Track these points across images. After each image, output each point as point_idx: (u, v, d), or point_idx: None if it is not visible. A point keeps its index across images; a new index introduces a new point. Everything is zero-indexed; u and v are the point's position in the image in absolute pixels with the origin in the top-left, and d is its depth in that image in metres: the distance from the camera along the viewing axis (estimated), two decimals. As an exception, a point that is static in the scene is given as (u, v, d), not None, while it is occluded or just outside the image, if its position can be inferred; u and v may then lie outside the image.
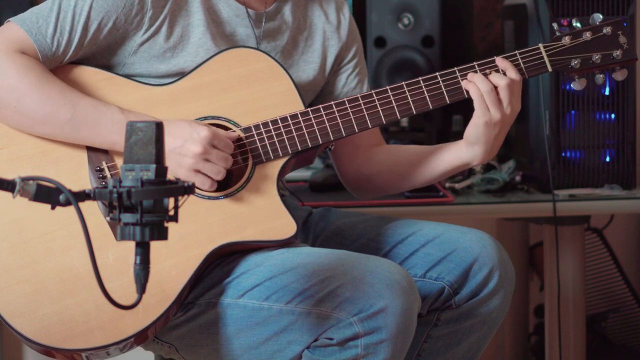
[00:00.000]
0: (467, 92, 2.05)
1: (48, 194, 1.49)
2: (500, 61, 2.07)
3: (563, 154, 2.77)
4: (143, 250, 1.51)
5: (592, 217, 3.26)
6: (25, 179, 1.48)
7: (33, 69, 1.96)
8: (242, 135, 2.02)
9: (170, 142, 1.92)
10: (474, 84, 2.04)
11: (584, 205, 2.74)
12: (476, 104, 2.04)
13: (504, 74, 2.05)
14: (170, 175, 1.79)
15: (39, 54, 1.98)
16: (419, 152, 2.20)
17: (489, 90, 2.03)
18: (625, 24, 2.13)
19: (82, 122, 1.96)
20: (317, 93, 2.24)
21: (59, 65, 2.02)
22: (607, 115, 2.78)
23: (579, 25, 2.11)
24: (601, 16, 2.11)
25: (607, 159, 2.78)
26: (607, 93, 2.77)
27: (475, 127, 2.06)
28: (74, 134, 1.97)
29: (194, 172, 1.95)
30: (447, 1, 3.10)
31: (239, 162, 2.04)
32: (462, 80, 2.06)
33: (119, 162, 1.99)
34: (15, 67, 1.95)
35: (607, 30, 2.11)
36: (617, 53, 2.11)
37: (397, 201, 2.66)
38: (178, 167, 1.95)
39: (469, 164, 2.12)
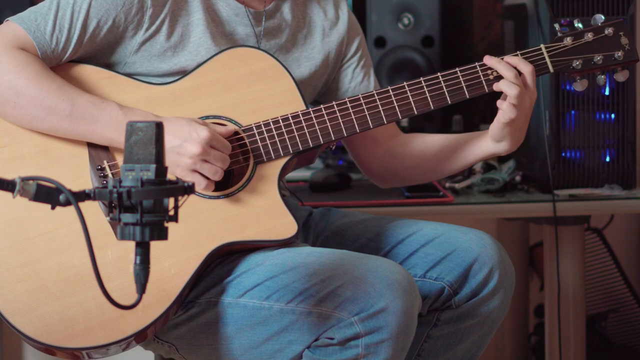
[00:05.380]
0: (500, 91, 2.05)
1: (48, 194, 1.49)
2: (509, 58, 2.07)
3: (563, 154, 2.76)
4: (143, 250, 1.51)
5: (592, 217, 3.26)
6: (25, 179, 1.47)
7: (32, 65, 1.95)
8: (242, 134, 2.02)
9: (169, 140, 1.92)
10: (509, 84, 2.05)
11: (584, 205, 2.74)
12: (504, 105, 2.04)
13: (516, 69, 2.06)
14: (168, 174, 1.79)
15: (38, 51, 1.98)
16: (445, 146, 2.22)
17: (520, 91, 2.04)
18: (626, 25, 2.13)
19: (80, 118, 1.96)
20: (317, 88, 2.24)
21: (59, 64, 2.02)
22: (607, 115, 2.78)
23: (580, 25, 2.11)
24: (603, 17, 2.11)
25: (607, 159, 2.78)
26: (607, 93, 2.76)
27: (500, 127, 2.07)
28: (72, 130, 1.97)
29: (191, 172, 1.95)
30: (447, 1, 3.10)
31: (240, 161, 2.04)
32: (486, 80, 2.06)
33: (120, 160, 1.99)
34: (14, 62, 1.95)
35: (608, 31, 2.11)
36: (619, 54, 2.11)
37: (397, 201, 2.66)
38: (175, 166, 1.94)
39: (499, 154, 2.15)
